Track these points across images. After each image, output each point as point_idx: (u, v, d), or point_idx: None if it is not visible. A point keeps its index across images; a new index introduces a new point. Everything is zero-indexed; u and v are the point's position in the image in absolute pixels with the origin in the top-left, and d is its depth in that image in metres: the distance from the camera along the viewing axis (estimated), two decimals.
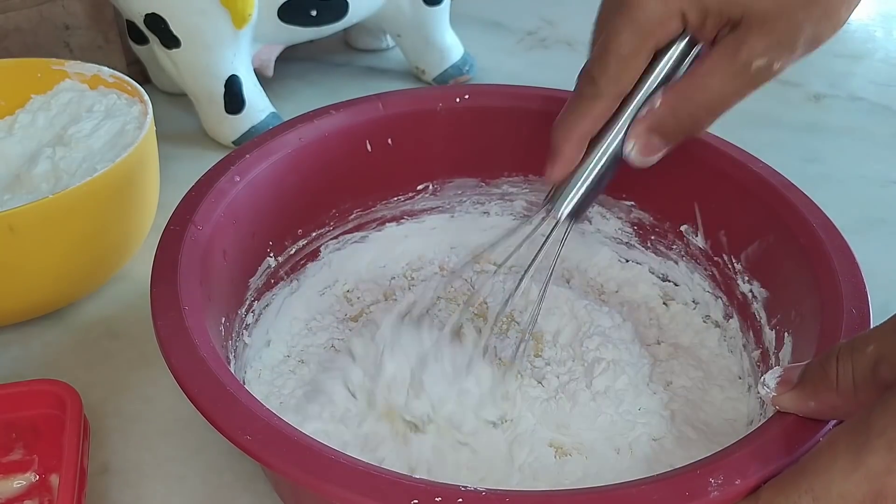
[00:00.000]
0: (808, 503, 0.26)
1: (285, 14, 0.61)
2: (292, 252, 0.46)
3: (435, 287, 0.46)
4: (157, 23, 0.57)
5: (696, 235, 0.45)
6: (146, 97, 0.50)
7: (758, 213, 0.41)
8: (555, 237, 0.38)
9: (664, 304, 0.47)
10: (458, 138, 0.48)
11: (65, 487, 0.34)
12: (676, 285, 0.47)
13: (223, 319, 0.38)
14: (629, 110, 0.35)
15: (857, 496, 0.25)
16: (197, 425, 0.40)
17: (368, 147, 0.47)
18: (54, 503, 0.35)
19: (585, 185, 0.37)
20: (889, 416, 0.25)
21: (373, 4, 0.65)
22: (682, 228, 0.46)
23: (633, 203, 0.48)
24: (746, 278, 0.42)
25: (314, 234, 0.47)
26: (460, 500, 0.26)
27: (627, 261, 0.49)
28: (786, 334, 0.38)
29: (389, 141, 0.47)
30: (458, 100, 0.47)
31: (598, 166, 0.36)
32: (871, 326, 0.31)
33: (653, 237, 0.47)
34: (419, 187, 0.49)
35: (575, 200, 0.37)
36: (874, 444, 0.25)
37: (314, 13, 0.62)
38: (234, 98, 0.61)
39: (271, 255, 0.44)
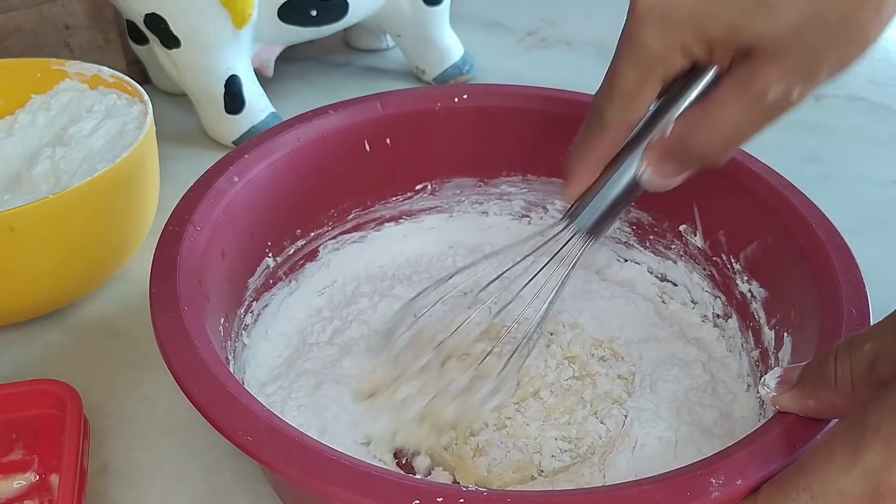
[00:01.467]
0: (805, 501, 0.26)
1: (285, 14, 0.61)
2: (291, 252, 0.46)
3: (439, 296, 0.43)
4: (157, 23, 0.57)
5: (695, 235, 0.45)
6: (146, 97, 0.50)
7: (757, 213, 0.41)
8: (568, 253, 0.37)
9: (663, 303, 0.47)
10: (457, 138, 0.48)
11: (65, 487, 0.34)
12: (675, 285, 0.47)
13: (222, 320, 0.38)
14: (648, 136, 0.34)
15: (855, 493, 0.25)
16: (197, 425, 0.40)
17: (367, 147, 0.47)
18: (54, 503, 0.35)
19: (604, 203, 0.36)
20: (885, 413, 0.25)
21: (373, 4, 0.65)
22: (681, 228, 0.46)
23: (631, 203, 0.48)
24: (745, 278, 0.42)
25: (313, 234, 0.47)
26: (461, 500, 0.26)
27: (626, 260, 0.49)
28: (785, 334, 0.38)
29: (388, 141, 0.47)
30: (456, 100, 0.48)
31: (615, 188, 0.35)
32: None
33: (651, 237, 0.47)
34: (417, 187, 0.49)
35: (595, 215, 0.36)
36: (870, 440, 0.25)
37: (314, 13, 0.62)
38: (234, 98, 0.61)
39: (270, 255, 0.44)
